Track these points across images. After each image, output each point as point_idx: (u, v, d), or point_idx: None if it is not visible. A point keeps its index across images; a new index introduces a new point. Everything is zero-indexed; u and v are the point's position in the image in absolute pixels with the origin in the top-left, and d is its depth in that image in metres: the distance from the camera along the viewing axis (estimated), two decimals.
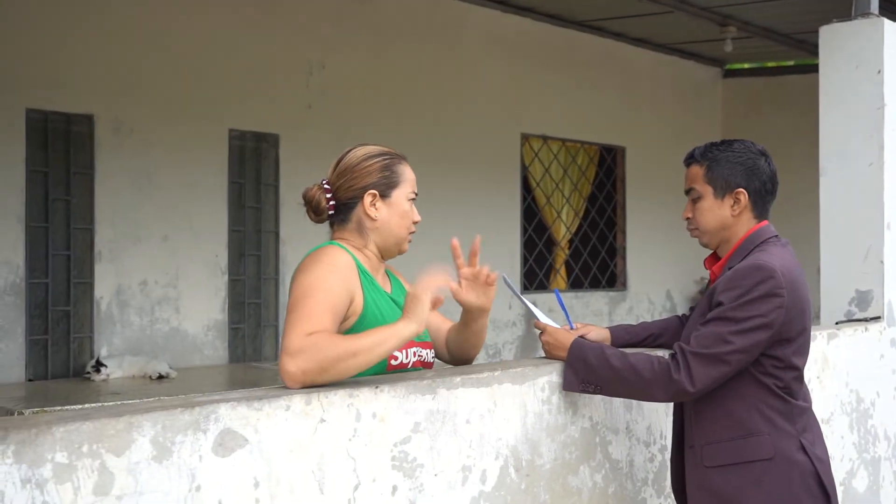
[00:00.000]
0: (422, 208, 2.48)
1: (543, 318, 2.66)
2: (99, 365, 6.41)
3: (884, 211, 4.15)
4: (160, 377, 6.38)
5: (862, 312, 4.17)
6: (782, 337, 2.37)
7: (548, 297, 9.41)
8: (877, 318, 4.12)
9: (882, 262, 4.14)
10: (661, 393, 2.40)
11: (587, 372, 2.46)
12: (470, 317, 2.49)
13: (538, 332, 2.62)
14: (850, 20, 4.30)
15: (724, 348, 2.32)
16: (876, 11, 4.33)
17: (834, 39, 4.31)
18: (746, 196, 2.51)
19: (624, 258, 10.76)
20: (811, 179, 4.31)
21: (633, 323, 2.98)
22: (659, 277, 10.88)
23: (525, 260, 9.69)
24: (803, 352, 2.46)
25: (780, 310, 2.33)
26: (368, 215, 2.36)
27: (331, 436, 2.04)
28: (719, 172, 2.51)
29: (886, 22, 4.22)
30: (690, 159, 2.59)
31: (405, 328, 2.12)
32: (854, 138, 4.23)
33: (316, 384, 2.02)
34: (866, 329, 4.03)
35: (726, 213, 2.51)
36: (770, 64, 12.05)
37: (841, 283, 4.24)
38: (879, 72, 4.15)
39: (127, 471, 1.74)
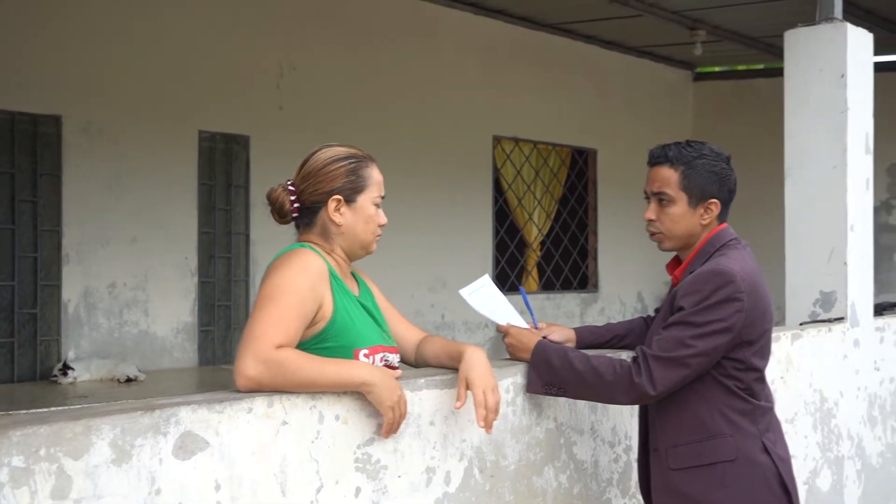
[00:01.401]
0: (394, 210, 2.47)
1: (506, 319, 2.65)
2: (66, 368, 6.36)
3: (847, 213, 4.20)
4: (129, 380, 6.34)
5: (826, 313, 4.22)
6: (743, 339, 2.39)
7: (520, 299, 9.43)
8: (840, 319, 4.17)
9: (845, 263, 4.19)
10: (623, 396, 2.41)
11: (550, 374, 2.47)
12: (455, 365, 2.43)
13: (502, 334, 2.62)
14: (815, 25, 4.35)
15: (684, 352, 2.34)
16: (840, 16, 4.38)
17: (798, 43, 4.35)
18: (718, 206, 2.50)
19: (595, 259, 10.82)
20: (779, 181, 4.35)
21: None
22: (630, 279, 10.95)
23: (497, 261, 9.72)
24: (764, 353, 2.48)
25: (739, 314, 2.35)
26: (333, 220, 2.33)
27: (293, 438, 2.04)
28: (696, 181, 2.46)
29: (850, 27, 4.27)
30: (662, 160, 2.50)
31: (363, 377, 2.10)
32: (818, 141, 4.27)
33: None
34: (830, 330, 4.08)
35: (696, 222, 2.49)
36: (740, 67, 12.16)
37: (805, 284, 4.28)
38: (843, 76, 4.20)
39: (85, 474, 1.73)
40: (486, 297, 2.71)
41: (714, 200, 2.49)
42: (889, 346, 4.51)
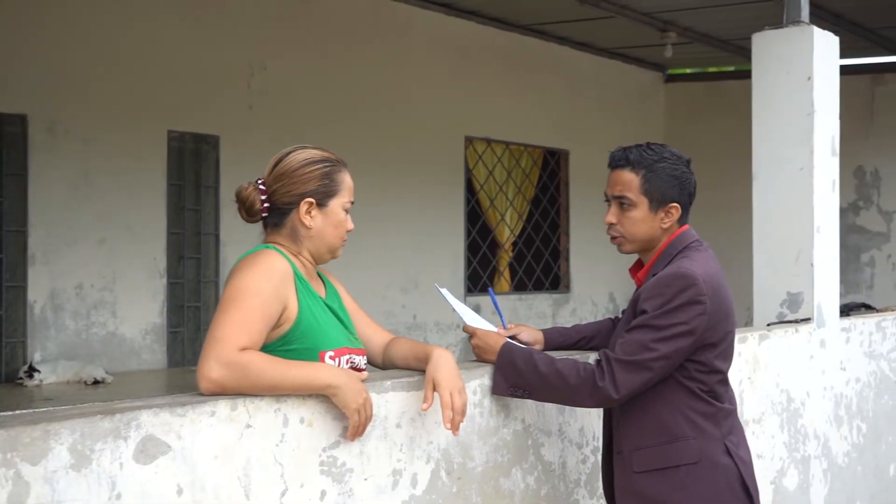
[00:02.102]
0: (366, 211, 2.46)
1: (474, 322, 2.65)
2: (32, 370, 6.29)
3: (814, 214, 4.23)
4: (96, 382, 6.27)
5: (793, 314, 4.25)
6: (706, 342, 2.39)
7: (485, 304, 9.44)
8: (807, 320, 4.20)
9: (812, 264, 4.22)
10: (587, 399, 2.41)
11: (516, 376, 2.47)
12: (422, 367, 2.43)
13: (468, 335, 2.61)
14: (782, 27, 4.38)
15: (647, 355, 2.34)
16: (806, 19, 4.42)
17: (766, 46, 4.39)
18: (679, 210, 2.50)
19: (567, 260, 10.85)
20: (750, 182, 4.38)
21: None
22: (602, 279, 10.98)
23: (469, 262, 9.72)
24: (727, 356, 2.49)
25: (702, 317, 2.36)
26: (303, 223, 2.31)
27: (257, 441, 2.02)
28: (657, 185, 2.46)
29: (816, 30, 4.30)
30: (623, 163, 2.49)
31: (328, 379, 2.08)
32: (785, 143, 4.30)
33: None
34: (797, 330, 4.11)
35: (657, 226, 2.50)
36: (711, 69, 12.26)
37: (773, 285, 4.31)
38: (809, 78, 4.24)
39: (43, 479, 1.70)
40: (454, 301, 2.72)
41: (674, 204, 2.49)
42: (855, 346, 4.56)
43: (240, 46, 7.68)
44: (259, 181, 2.34)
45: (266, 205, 2.33)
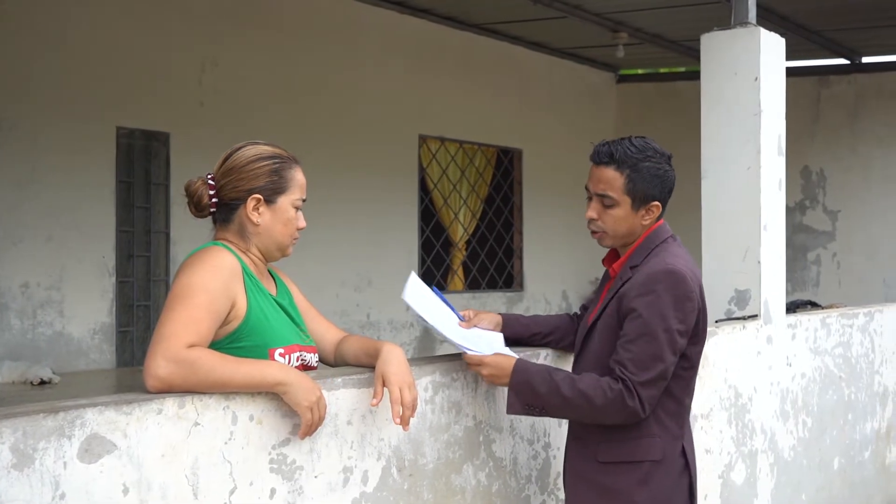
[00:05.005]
0: (319, 209, 2.45)
1: (445, 328, 2.57)
2: None
3: (760, 213, 4.30)
4: (42, 383, 6.16)
5: (740, 311, 4.32)
6: (692, 335, 2.46)
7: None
8: (754, 317, 4.27)
9: (759, 262, 4.29)
10: (614, 417, 2.41)
11: (533, 397, 2.44)
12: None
13: (475, 364, 2.50)
14: (730, 29, 4.45)
15: (660, 367, 2.38)
16: (753, 21, 4.49)
17: (714, 47, 4.45)
18: (660, 208, 2.53)
19: (521, 259, 10.89)
20: (698, 182, 4.44)
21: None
22: (555, 278, 11.05)
23: (423, 261, 9.72)
24: (702, 351, 2.56)
25: (693, 313, 2.42)
26: (251, 219, 2.29)
27: (206, 439, 2.00)
28: (640, 185, 2.46)
29: (763, 31, 4.37)
30: (607, 160, 2.47)
31: (278, 377, 2.06)
32: (733, 143, 4.37)
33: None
34: (744, 327, 4.17)
35: (638, 223, 2.51)
36: (662, 70, 12.39)
37: (721, 282, 4.38)
38: (756, 79, 4.30)
39: None
40: (421, 297, 2.64)
41: (656, 203, 2.52)
42: (800, 342, 4.64)
43: (191, 42, 7.59)
44: (208, 176, 2.32)
45: (214, 200, 2.31)
